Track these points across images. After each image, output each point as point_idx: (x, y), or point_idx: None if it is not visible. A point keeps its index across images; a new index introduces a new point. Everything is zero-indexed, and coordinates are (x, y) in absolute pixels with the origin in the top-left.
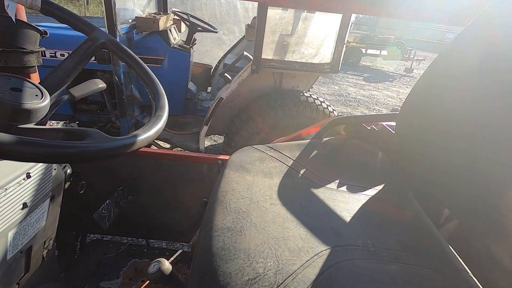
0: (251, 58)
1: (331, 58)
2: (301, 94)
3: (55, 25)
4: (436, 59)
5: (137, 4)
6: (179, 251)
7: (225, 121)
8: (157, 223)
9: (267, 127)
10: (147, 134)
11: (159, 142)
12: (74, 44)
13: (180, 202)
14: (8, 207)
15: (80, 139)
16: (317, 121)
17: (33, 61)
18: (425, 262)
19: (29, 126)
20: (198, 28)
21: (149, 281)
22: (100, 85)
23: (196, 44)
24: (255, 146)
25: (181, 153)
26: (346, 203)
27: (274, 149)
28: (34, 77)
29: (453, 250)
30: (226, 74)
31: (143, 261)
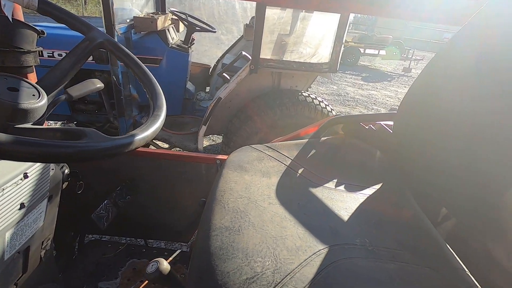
0: (249, 58)
1: (329, 58)
2: (299, 93)
3: (52, 25)
4: (434, 59)
5: (135, 4)
6: (178, 251)
7: (224, 121)
8: (156, 223)
9: (266, 126)
10: (144, 134)
11: (158, 142)
12: (72, 44)
13: (179, 202)
14: (5, 207)
15: (77, 139)
16: (316, 120)
17: (30, 61)
18: (423, 261)
19: (26, 126)
20: (197, 28)
21: (147, 281)
22: (98, 85)
23: (194, 44)
24: (253, 145)
25: (179, 153)
26: (344, 202)
27: (272, 149)
28: (32, 77)
29: (451, 249)
30: (225, 74)
31: (141, 261)
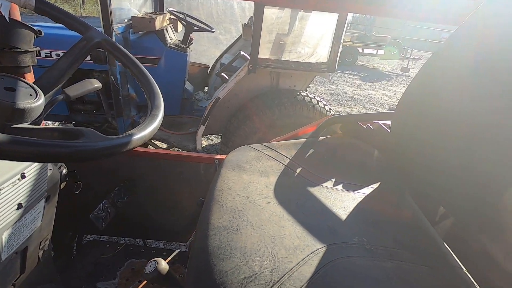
0: (248, 58)
1: (327, 58)
2: (298, 93)
3: (50, 24)
4: (431, 58)
5: (133, 3)
6: (176, 251)
7: (222, 120)
8: (154, 223)
9: (264, 126)
10: (142, 134)
11: (156, 142)
12: (70, 44)
13: (178, 202)
14: (3, 207)
15: (74, 139)
16: (314, 120)
17: (28, 60)
18: (420, 260)
19: (24, 125)
20: (195, 28)
21: (146, 281)
22: (95, 84)
23: (192, 43)
24: (251, 145)
25: (178, 153)
26: (342, 201)
27: (271, 148)
28: (29, 77)
29: (449, 248)
30: (223, 74)
31: (140, 261)
